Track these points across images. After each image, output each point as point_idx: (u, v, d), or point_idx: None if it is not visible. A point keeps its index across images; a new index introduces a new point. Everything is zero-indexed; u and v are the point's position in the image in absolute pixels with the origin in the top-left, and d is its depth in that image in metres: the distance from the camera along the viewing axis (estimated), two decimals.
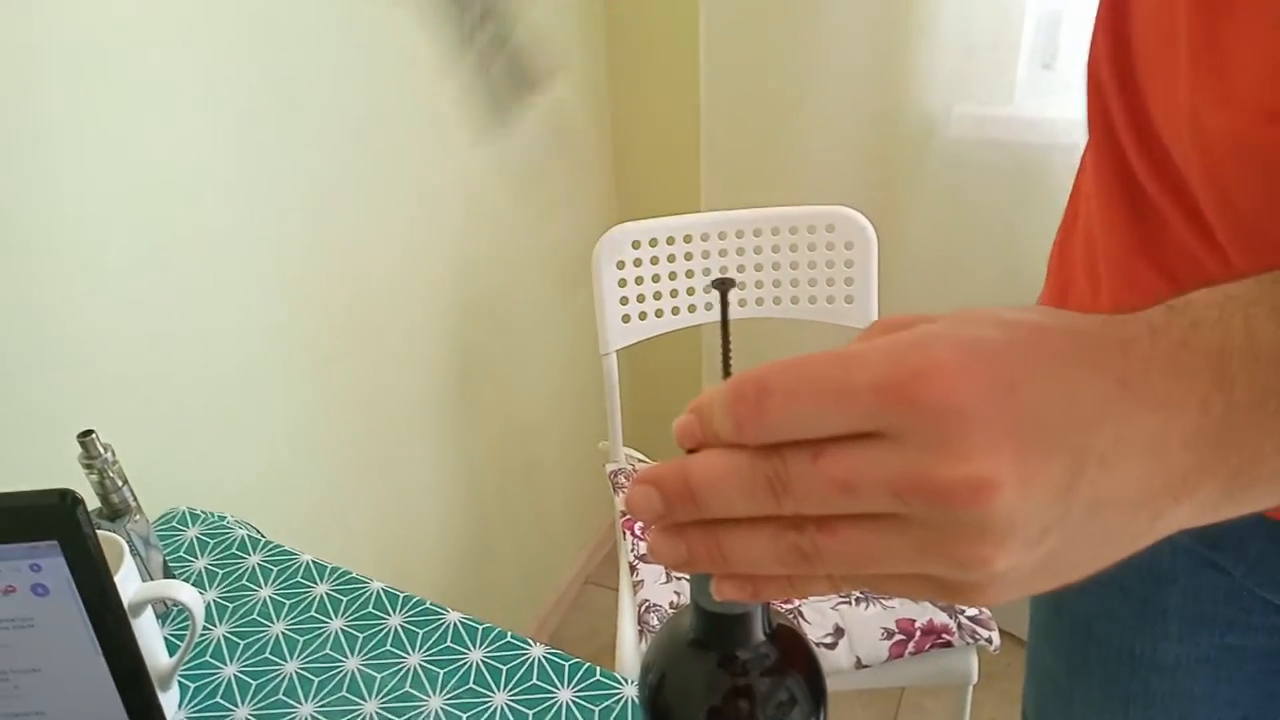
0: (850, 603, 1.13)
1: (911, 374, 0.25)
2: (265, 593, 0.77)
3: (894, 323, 0.28)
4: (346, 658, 0.71)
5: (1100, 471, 0.26)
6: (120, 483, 0.72)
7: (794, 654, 0.39)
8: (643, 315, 1.31)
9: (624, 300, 1.29)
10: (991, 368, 0.25)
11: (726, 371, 0.33)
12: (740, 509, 0.27)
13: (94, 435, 0.69)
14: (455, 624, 0.73)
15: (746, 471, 0.27)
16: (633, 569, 1.23)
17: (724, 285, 0.35)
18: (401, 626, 0.73)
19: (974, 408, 0.25)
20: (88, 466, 0.70)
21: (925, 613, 1.11)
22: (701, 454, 0.28)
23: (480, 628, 0.72)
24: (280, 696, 0.68)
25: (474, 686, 0.68)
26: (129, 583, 0.61)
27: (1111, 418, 0.26)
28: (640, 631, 1.14)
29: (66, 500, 0.43)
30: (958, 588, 0.27)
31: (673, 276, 1.31)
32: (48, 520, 0.43)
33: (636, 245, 1.27)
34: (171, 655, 0.67)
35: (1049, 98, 1.31)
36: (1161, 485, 0.27)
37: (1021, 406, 0.25)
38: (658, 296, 1.31)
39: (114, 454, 0.71)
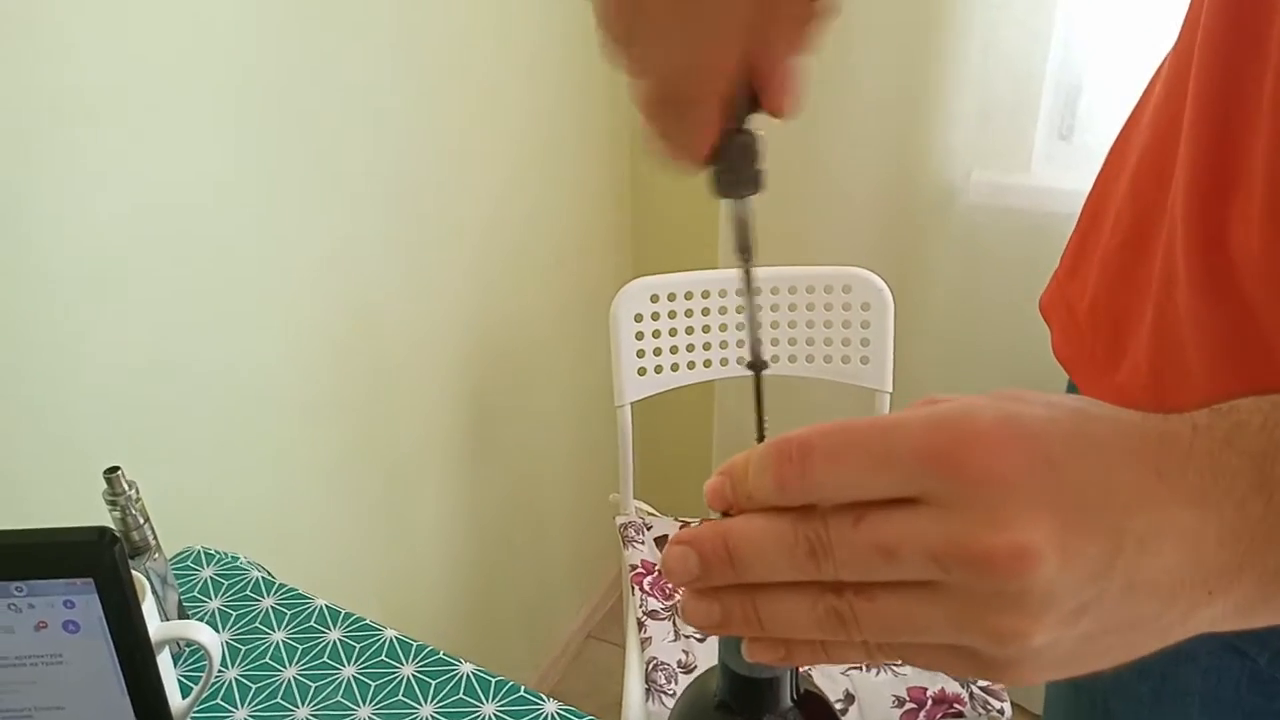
0: (861, 669, 1.12)
1: (955, 441, 0.25)
2: (278, 636, 0.77)
3: (938, 400, 0.28)
4: (358, 706, 0.70)
5: (1138, 555, 0.26)
6: (141, 520, 0.72)
7: None
8: (658, 369, 1.31)
9: (640, 353, 1.30)
10: (1033, 442, 0.26)
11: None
12: (780, 573, 0.28)
13: (120, 472, 0.70)
14: (468, 675, 0.73)
15: (787, 535, 0.27)
16: (640, 625, 1.22)
17: (758, 367, 0.36)
18: (414, 676, 0.73)
19: (1016, 478, 0.25)
20: (111, 503, 0.70)
21: (937, 681, 1.10)
22: (741, 517, 0.28)
23: (493, 680, 0.72)
24: None
25: None
26: (149, 622, 0.61)
27: (1147, 506, 0.26)
28: (647, 690, 1.13)
29: (104, 538, 0.43)
30: (991, 663, 0.27)
31: (689, 331, 1.32)
32: (84, 558, 0.43)
33: (655, 299, 1.29)
34: (184, 697, 0.67)
35: (1066, 169, 1.33)
36: (1196, 579, 0.27)
37: (1062, 482, 0.25)
38: (674, 351, 1.32)
39: (137, 491, 0.71)
